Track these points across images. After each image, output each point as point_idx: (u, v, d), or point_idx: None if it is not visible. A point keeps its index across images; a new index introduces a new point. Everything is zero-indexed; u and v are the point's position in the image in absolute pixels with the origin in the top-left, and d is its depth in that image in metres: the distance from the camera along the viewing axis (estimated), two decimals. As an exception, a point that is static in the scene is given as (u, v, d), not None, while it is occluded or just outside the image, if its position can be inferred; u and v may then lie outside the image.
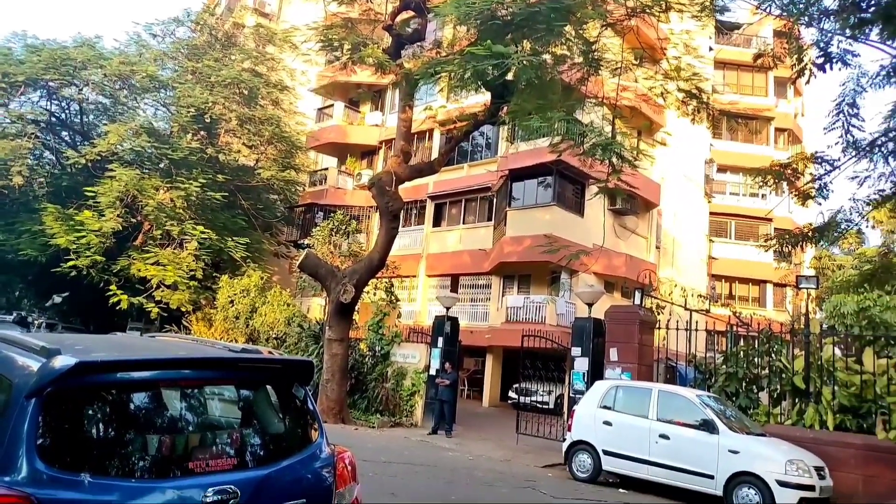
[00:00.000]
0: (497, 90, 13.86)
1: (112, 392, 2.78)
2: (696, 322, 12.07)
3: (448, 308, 16.26)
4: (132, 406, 2.84)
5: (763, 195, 29.72)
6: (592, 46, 12.42)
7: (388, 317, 17.33)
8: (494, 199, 23.83)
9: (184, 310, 22.22)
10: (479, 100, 18.84)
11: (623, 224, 23.80)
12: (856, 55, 10.02)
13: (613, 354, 12.38)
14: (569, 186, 22.06)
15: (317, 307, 24.06)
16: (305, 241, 24.79)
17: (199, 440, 2.90)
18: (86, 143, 25.90)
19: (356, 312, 17.01)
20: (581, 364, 12.96)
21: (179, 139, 25.79)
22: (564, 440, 10.99)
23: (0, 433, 2.49)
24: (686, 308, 13.02)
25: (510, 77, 12.22)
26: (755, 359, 11.42)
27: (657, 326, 12.74)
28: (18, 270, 27.29)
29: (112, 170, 22.63)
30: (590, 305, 13.51)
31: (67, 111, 28.42)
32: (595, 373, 12.52)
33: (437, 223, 26.02)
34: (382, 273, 17.93)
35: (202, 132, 27.06)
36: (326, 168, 31.25)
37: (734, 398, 11.09)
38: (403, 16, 16.82)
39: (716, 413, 9.31)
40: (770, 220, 28.40)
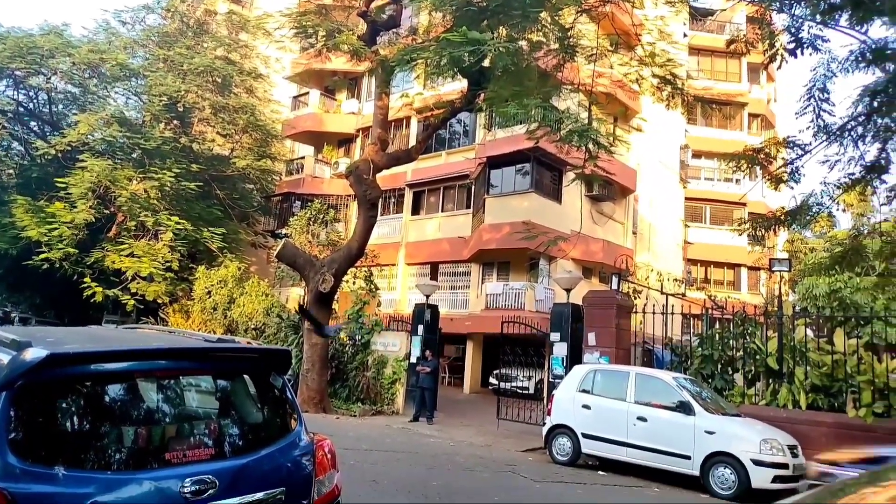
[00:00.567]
0: (473, 77, 13.81)
1: (86, 384, 2.75)
2: (673, 306, 12.24)
3: (428, 296, 16.28)
4: (107, 398, 2.82)
5: (737, 180, 30.12)
6: (568, 33, 12.41)
7: (368, 305, 17.30)
8: (473, 187, 23.84)
9: (160, 302, 21.96)
10: (456, 87, 18.78)
11: (600, 210, 23.98)
12: (826, 41, 10.16)
13: (592, 339, 12.51)
14: (546, 173, 22.14)
15: (296, 297, 23.91)
16: (283, 231, 24.60)
17: (176, 431, 2.89)
18: (55, 134, 25.35)
19: (336, 302, 16.95)
20: (560, 349, 13.08)
21: (152, 129, 25.34)
22: (544, 424, 11.11)
23: (-29, 428, 2.45)
24: (662, 292, 13.20)
25: (486, 64, 12.17)
26: (730, 341, 11.62)
27: (634, 311, 12.89)
28: (-12, 264, 26.70)
29: (83, 160, 22.19)
30: (568, 291, 13.62)
31: (35, 101, 27.77)
32: (574, 357, 12.65)
33: (416, 211, 25.97)
34: (361, 262, 17.87)
35: (175, 121, 26.62)
36: (303, 157, 30.96)
37: (710, 380, 11.29)
38: (378, 2, 16.68)
39: (692, 395, 9.47)
40: (744, 205, 28.81)
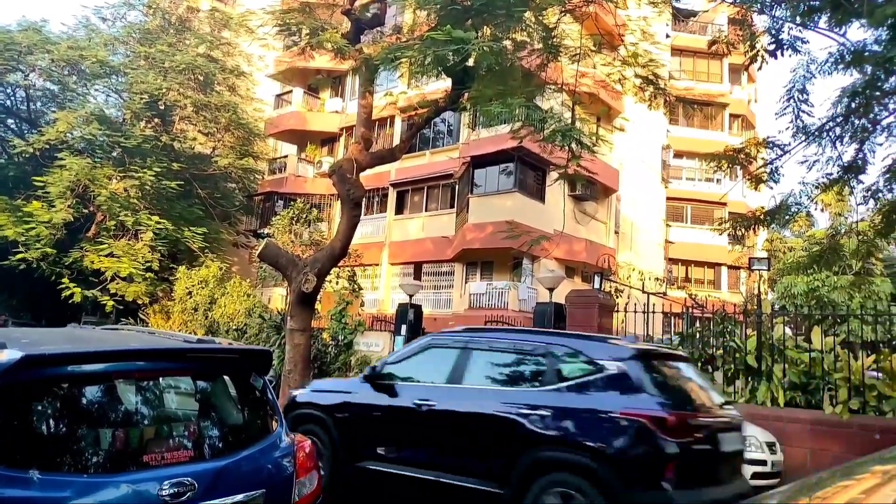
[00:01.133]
0: (458, 76, 13.81)
1: (63, 386, 2.72)
2: (654, 305, 12.33)
3: (411, 296, 16.26)
4: (84, 400, 2.78)
5: (718, 180, 30.45)
6: (552, 33, 12.46)
7: (351, 305, 17.24)
8: (457, 186, 23.85)
9: (140, 302, 21.72)
10: (440, 86, 18.79)
11: (583, 210, 24.11)
12: (805, 42, 10.29)
13: (574, 338, 12.56)
14: (530, 173, 22.22)
15: (278, 297, 23.79)
16: (265, 231, 24.44)
17: (155, 433, 2.86)
18: (33, 132, 24.97)
19: (318, 302, 16.86)
20: (543, 348, 13.12)
21: (132, 127, 25.05)
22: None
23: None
24: (644, 291, 13.29)
25: (471, 63, 12.20)
26: (710, 339, 11.73)
27: (616, 310, 12.98)
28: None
29: (62, 159, 21.88)
30: (551, 290, 13.68)
31: (13, 98, 27.34)
32: (557, 356, 12.69)
33: (400, 211, 25.93)
34: (345, 262, 17.80)
35: (156, 119, 26.35)
36: (286, 156, 30.77)
37: (691, 378, 11.38)
38: (362, 0, 16.60)
39: (673, 393, 9.55)
40: (724, 205, 29.15)
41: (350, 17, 15.81)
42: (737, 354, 11.17)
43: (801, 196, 11.62)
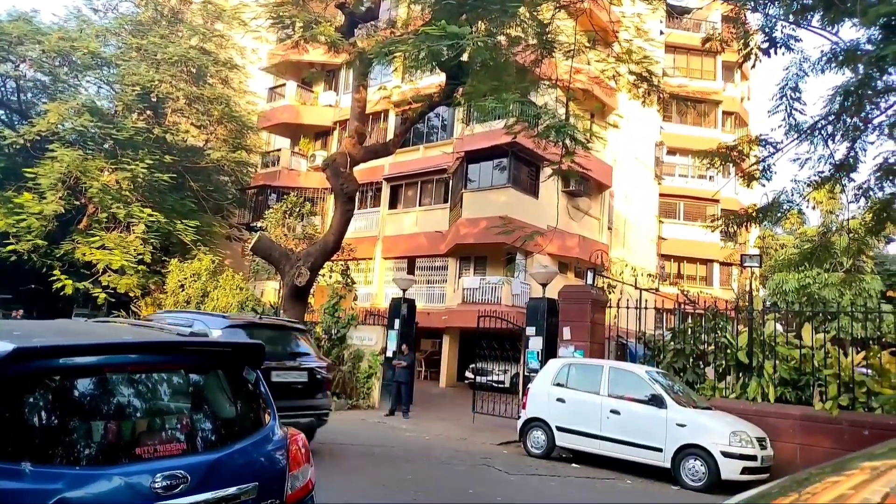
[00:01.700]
0: (452, 71, 13.80)
1: (55, 378, 2.70)
2: (646, 301, 12.39)
3: (404, 290, 16.27)
4: (76, 392, 2.77)
5: (710, 177, 30.54)
6: (546, 28, 12.45)
7: (344, 300, 17.24)
8: (450, 181, 23.83)
9: (132, 295, 21.62)
10: (435, 81, 18.75)
11: (576, 205, 24.15)
12: (798, 40, 10.34)
13: (567, 333, 12.62)
14: (524, 168, 22.22)
15: (271, 291, 23.73)
16: (258, 224, 24.34)
17: (147, 426, 2.85)
18: (24, 123, 24.75)
19: (311, 296, 16.86)
20: (535, 343, 13.18)
21: (124, 119, 24.86)
22: (519, 418, 11.19)
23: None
24: (636, 287, 13.36)
25: (465, 58, 12.19)
26: (702, 335, 11.81)
27: (609, 305, 13.04)
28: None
29: (53, 150, 21.71)
30: (544, 286, 13.72)
31: (3, 89, 27.08)
32: (549, 351, 12.75)
33: (394, 205, 25.90)
34: (338, 256, 17.79)
35: (148, 111, 26.16)
36: (279, 149, 30.65)
37: (682, 373, 11.47)
38: (357, -6, 16.53)
39: (664, 388, 9.62)
40: (717, 202, 29.27)
41: (344, 11, 15.78)
42: (728, 350, 11.25)
43: (793, 194, 11.69)
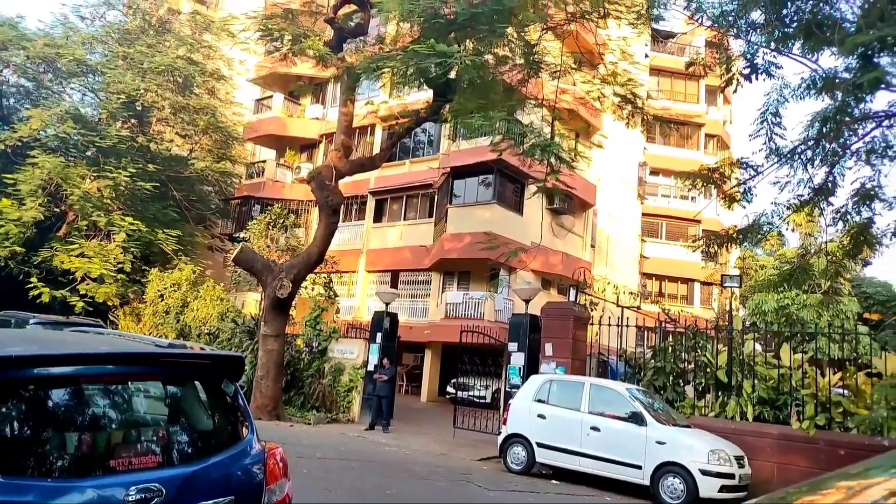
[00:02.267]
0: (440, 88, 13.89)
1: (29, 388, 2.66)
2: (628, 318, 12.47)
3: (387, 303, 16.22)
4: (50, 403, 2.73)
5: (692, 198, 30.91)
6: (533, 49, 12.61)
7: (327, 312, 17.13)
8: (436, 196, 23.90)
9: (111, 304, 21.35)
10: (422, 97, 18.86)
11: (560, 223, 24.30)
12: (779, 67, 10.54)
13: (549, 349, 12.64)
14: (509, 185, 22.36)
15: (252, 302, 23.54)
16: (241, 235, 24.18)
17: (123, 437, 2.81)
18: (6, 128, 24.49)
19: (293, 308, 16.73)
20: (517, 359, 13.18)
21: (108, 126, 24.69)
22: (500, 433, 11.16)
23: None
24: (618, 305, 13.43)
25: (453, 76, 12.27)
26: (682, 354, 11.89)
27: (591, 322, 13.09)
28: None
29: (34, 156, 21.47)
30: (527, 302, 13.75)
31: (-15, 93, 26.79)
32: (531, 367, 12.76)
33: (378, 219, 25.89)
34: (321, 268, 17.71)
35: (133, 120, 26.01)
36: (264, 160, 30.56)
37: (662, 391, 11.52)
38: (346, 9, 16.62)
39: (644, 406, 9.65)
40: (698, 222, 29.57)
41: (333, 26, 15.84)
42: (708, 369, 11.34)
43: (773, 216, 11.84)
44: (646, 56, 28.88)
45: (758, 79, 10.54)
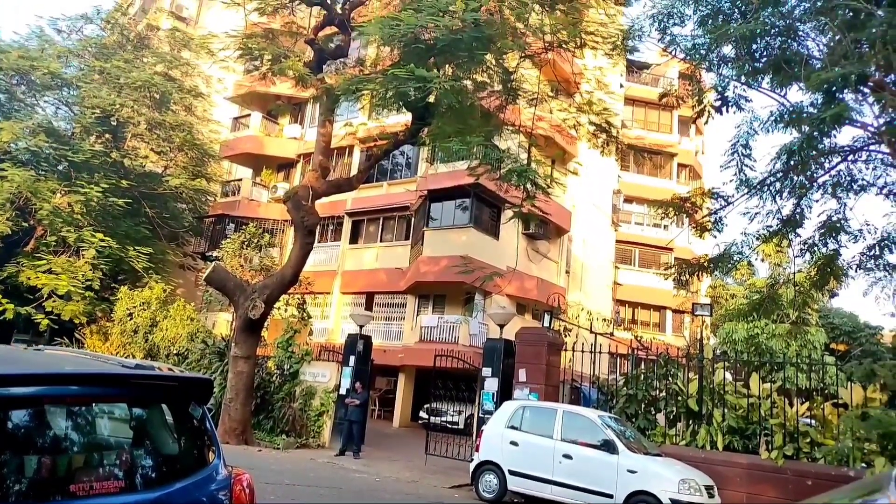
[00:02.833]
0: (418, 111, 14.01)
1: (-13, 409, 2.57)
2: (601, 345, 12.54)
3: (361, 326, 16.09)
4: (10, 424, 2.64)
5: (665, 226, 31.39)
6: (511, 76, 12.81)
7: (299, 334, 16.93)
8: (413, 219, 23.93)
9: (77, 322, 20.83)
10: (401, 119, 18.97)
11: (536, 248, 24.47)
12: (749, 101, 10.83)
13: (522, 375, 12.63)
14: (485, 209, 22.49)
15: (223, 323, 23.19)
16: (214, 254, 23.88)
17: (84, 461, 2.73)
18: (-26, 140, 23.95)
19: (265, 329, 16.52)
20: (491, 384, 13.13)
21: (82, 141, 24.33)
22: (472, 460, 11.07)
23: None
24: (591, 331, 13.50)
25: (432, 100, 12.39)
26: (654, 381, 11.96)
27: (564, 348, 13.13)
28: None
29: (4, 169, 21.04)
30: (501, 326, 13.76)
31: (-46, 104, 26.26)
32: (505, 393, 12.71)
33: (354, 240, 25.80)
34: (295, 289, 17.54)
35: (107, 135, 25.66)
36: (240, 179, 30.38)
37: (634, 419, 11.56)
38: (327, 31, 16.72)
39: (616, 434, 9.66)
40: (671, 250, 30.00)
41: (313, 47, 15.93)
42: (679, 397, 11.41)
43: (743, 246, 12.07)
44: (621, 86, 29.50)
45: (728, 111, 10.82)
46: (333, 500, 9.23)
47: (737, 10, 9.86)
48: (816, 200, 11.40)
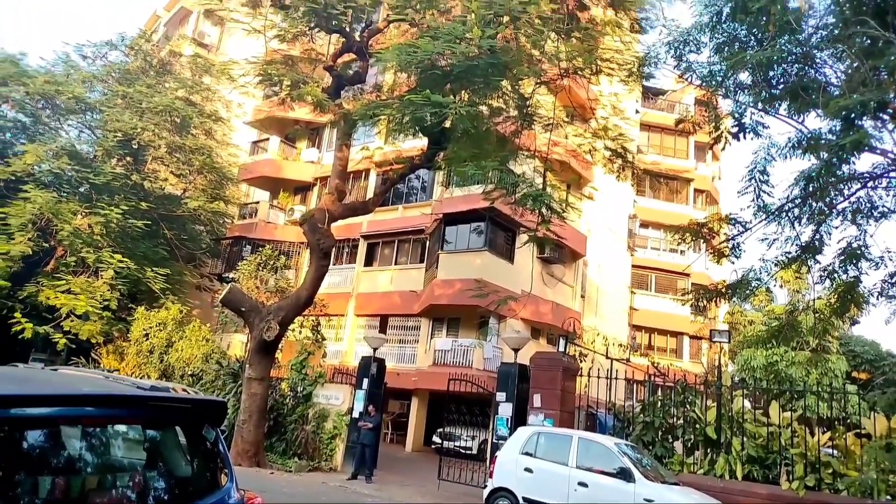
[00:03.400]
0: (434, 136, 14.13)
1: (4, 429, 2.59)
2: (617, 371, 12.40)
3: (375, 349, 16.06)
4: (25, 445, 2.65)
5: (682, 251, 30.99)
6: (527, 102, 12.90)
7: (313, 356, 16.93)
8: (427, 242, 23.98)
9: (94, 342, 21.00)
10: (417, 144, 19.14)
11: (550, 272, 24.38)
12: (766, 127, 10.84)
13: (537, 400, 12.50)
14: (500, 233, 22.49)
15: (238, 344, 23.25)
16: (230, 275, 24.07)
17: (98, 483, 2.74)
18: (0, 162, 24.50)
19: (279, 351, 16.55)
20: (505, 409, 13.00)
21: (103, 163, 24.77)
22: (485, 487, 10.92)
23: None
24: (607, 357, 13.37)
25: (447, 125, 12.51)
26: (671, 409, 11.78)
27: (580, 374, 12.99)
28: None
29: (27, 191, 21.45)
30: (516, 351, 13.66)
31: (-19, 127, 26.90)
32: (519, 418, 12.58)
33: (369, 263, 25.88)
34: (310, 311, 17.59)
35: (128, 158, 26.11)
36: (258, 201, 30.71)
37: (651, 447, 11.37)
38: (345, 58, 17.00)
39: (633, 461, 9.50)
40: (688, 276, 29.75)
41: (332, 73, 16.17)
42: (697, 425, 11.22)
43: (761, 272, 11.96)
44: (636, 112, 29.60)
45: (745, 137, 10.81)
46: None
47: (753, 38, 9.89)
48: (836, 227, 11.30)
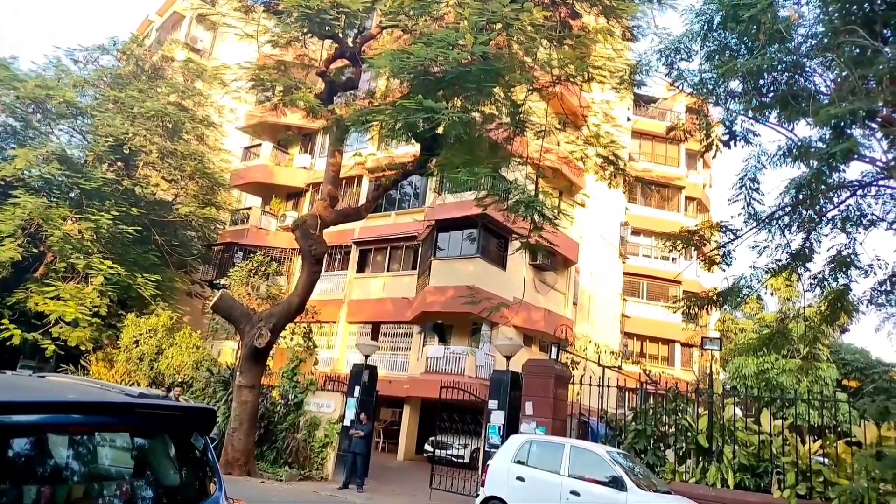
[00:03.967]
0: (427, 142, 14.13)
1: (-12, 437, 2.55)
2: (609, 378, 12.39)
3: (367, 356, 15.99)
4: (11, 452, 2.61)
5: (673, 259, 31.27)
6: (519, 108, 12.94)
7: (305, 363, 16.86)
8: (420, 249, 23.95)
9: (83, 348, 20.82)
10: (409, 150, 19.14)
11: (543, 279, 24.40)
12: (757, 135, 10.90)
13: (529, 408, 12.47)
14: (493, 240, 22.49)
15: (229, 351, 23.11)
16: (221, 281, 23.94)
17: (84, 492, 2.69)
18: (-12, 166, 24.31)
19: (271, 358, 16.45)
20: (497, 417, 12.96)
21: (94, 169, 24.62)
22: (477, 496, 10.86)
23: None
24: (599, 364, 13.37)
25: (440, 131, 12.51)
26: (663, 417, 11.79)
27: (572, 381, 12.98)
28: None
29: (16, 196, 21.29)
30: (508, 358, 13.63)
31: (-30, 132, 26.71)
32: (511, 426, 12.54)
33: (361, 269, 25.81)
34: (301, 318, 17.51)
35: (119, 163, 25.99)
36: (249, 207, 30.61)
37: (643, 455, 11.35)
38: (338, 64, 16.99)
39: (625, 470, 9.47)
40: (679, 283, 29.86)
41: (324, 79, 16.16)
42: (688, 433, 11.23)
43: (752, 280, 12.00)
44: (628, 119, 29.74)
45: (736, 145, 10.86)
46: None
47: (744, 46, 9.97)
48: (826, 235, 11.37)
